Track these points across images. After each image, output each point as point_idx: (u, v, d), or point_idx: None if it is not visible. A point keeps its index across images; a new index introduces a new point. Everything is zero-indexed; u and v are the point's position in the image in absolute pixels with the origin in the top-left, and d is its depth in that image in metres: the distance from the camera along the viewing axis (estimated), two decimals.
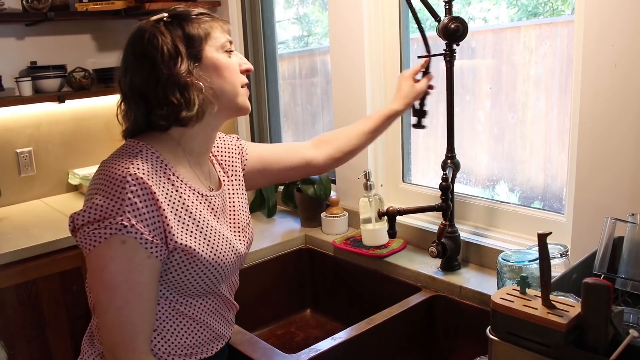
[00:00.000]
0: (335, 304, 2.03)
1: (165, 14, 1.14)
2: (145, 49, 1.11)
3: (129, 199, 1.03)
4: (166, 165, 1.13)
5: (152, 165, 1.10)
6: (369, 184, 1.88)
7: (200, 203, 1.18)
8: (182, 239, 1.10)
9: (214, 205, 1.22)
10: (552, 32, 1.66)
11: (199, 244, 1.13)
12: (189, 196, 1.15)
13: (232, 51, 1.19)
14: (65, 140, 2.75)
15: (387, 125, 1.59)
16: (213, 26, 1.17)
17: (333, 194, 2.18)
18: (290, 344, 1.89)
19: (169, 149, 1.15)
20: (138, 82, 1.12)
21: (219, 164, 1.34)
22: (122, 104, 1.17)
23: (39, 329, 2.09)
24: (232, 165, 1.36)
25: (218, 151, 1.35)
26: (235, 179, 1.35)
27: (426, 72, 1.61)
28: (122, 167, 1.06)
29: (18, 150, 2.63)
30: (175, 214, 1.11)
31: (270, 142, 2.72)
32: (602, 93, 1.36)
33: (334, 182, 2.23)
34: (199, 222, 1.15)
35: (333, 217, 2.07)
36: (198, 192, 1.18)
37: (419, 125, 1.64)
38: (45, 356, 2.12)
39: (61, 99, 2.54)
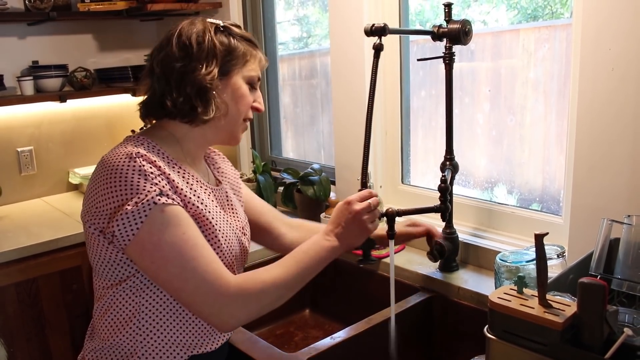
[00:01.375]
0: (334, 304, 2.04)
1: (221, 22, 1.20)
2: (190, 38, 1.15)
3: (145, 170, 1.06)
4: (167, 157, 1.15)
5: (154, 155, 1.12)
6: (368, 185, 1.88)
7: (205, 192, 1.20)
8: (201, 208, 1.14)
9: (216, 197, 1.25)
10: (551, 35, 1.68)
11: (214, 223, 1.17)
12: (194, 184, 1.18)
13: (254, 88, 1.24)
14: (66, 140, 2.77)
15: None
16: (254, 56, 1.22)
17: (333, 195, 2.19)
18: (289, 344, 1.90)
19: (168, 145, 1.18)
20: (169, 62, 1.15)
21: (216, 170, 1.36)
22: (147, 77, 1.21)
23: (39, 327, 2.10)
24: (231, 180, 1.40)
25: (217, 166, 1.38)
26: (233, 188, 1.38)
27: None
28: (124, 152, 1.09)
29: (19, 149, 2.64)
30: (187, 192, 1.14)
31: (270, 144, 2.74)
32: (599, 96, 1.38)
33: (333, 183, 2.24)
34: (207, 205, 1.17)
35: None
36: (202, 182, 1.21)
37: (365, 260, 1.35)
38: (44, 354, 2.12)
39: (62, 99, 2.56)
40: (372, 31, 1.42)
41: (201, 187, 1.20)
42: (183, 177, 1.16)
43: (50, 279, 2.11)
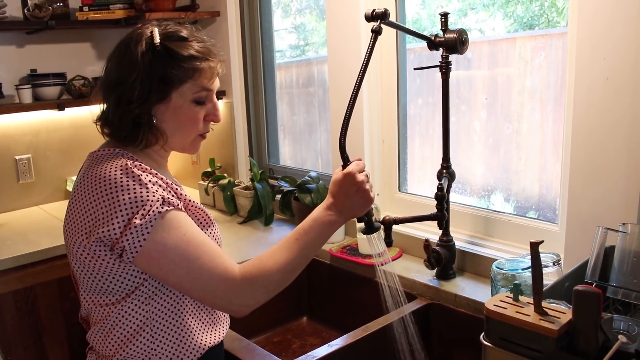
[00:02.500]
0: (331, 311, 2.04)
1: (158, 41, 1.11)
2: (124, 59, 1.12)
3: (143, 180, 1.07)
4: (149, 168, 1.15)
5: (143, 165, 1.13)
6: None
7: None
8: (198, 203, 1.19)
9: None
10: (547, 44, 1.69)
11: (209, 215, 1.21)
12: (177, 188, 1.19)
13: (203, 103, 1.17)
14: (64, 148, 2.77)
15: None
16: (199, 70, 1.13)
17: None
18: (287, 352, 1.90)
19: (140, 156, 1.17)
20: (108, 85, 1.14)
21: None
22: (100, 90, 1.18)
23: (36, 335, 2.10)
24: None
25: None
26: None
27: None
28: (116, 165, 1.09)
29: (17, 157, 2.64)
30: (183, 193, 1.17)
31: (268, 152, 2.74)
32: (595, 105, 1.39)
33: None
34: (195, 205, 1.20)
35: None
36: (179, 186, 1.22)
37: (370, 229, 1.31)
38: None
39: (61, 107, 2.56)
40: (372, 16, 1.41)
41: (181, 191, 1.21)
42: (167, 185, 1.16)
43: (47, 287, 2.11)
